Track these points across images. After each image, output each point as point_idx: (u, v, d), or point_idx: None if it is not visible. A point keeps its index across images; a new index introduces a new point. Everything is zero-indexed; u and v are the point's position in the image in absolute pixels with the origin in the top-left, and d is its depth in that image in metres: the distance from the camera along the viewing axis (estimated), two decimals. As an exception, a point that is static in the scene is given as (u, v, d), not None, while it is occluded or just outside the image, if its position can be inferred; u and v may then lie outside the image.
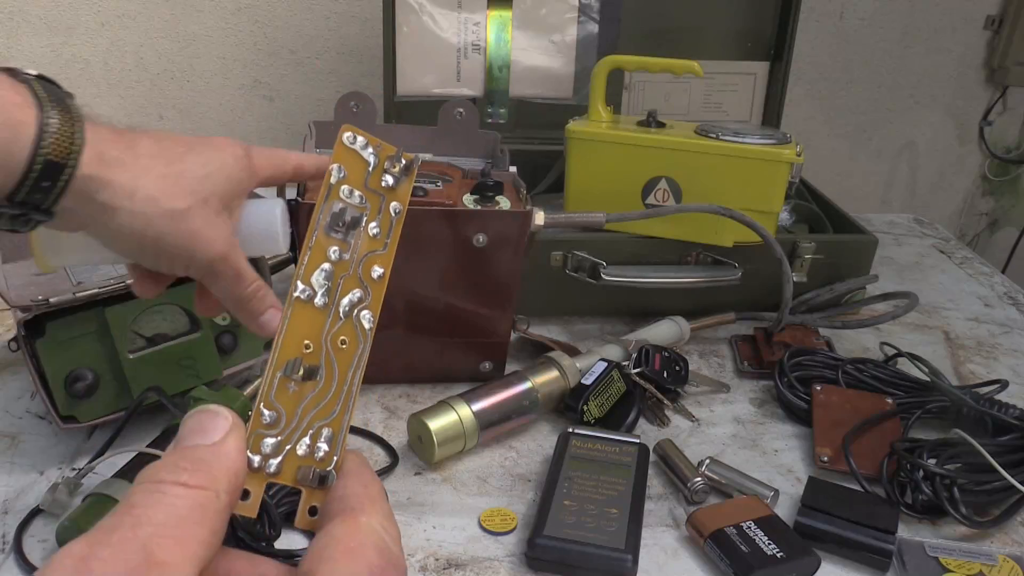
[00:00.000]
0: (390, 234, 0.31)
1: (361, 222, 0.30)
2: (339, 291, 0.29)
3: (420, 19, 1.01)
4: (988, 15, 1.45)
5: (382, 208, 0.31)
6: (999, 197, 1.65)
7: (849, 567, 0.59)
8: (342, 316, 0.29)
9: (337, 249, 0.30)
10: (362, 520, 0.26)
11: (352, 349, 0.29)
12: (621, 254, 0.86)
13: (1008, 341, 0.93)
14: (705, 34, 1.12)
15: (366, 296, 0.30)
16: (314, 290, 0.29)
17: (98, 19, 1.25)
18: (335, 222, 0.30)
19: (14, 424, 0.69)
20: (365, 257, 0.30)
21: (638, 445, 0.66)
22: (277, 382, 0.28)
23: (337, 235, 0.30)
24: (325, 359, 0.29)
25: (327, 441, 0.28)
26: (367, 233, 0.30)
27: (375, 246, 0.30)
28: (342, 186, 0.30)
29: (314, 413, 0.28)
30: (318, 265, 0.29)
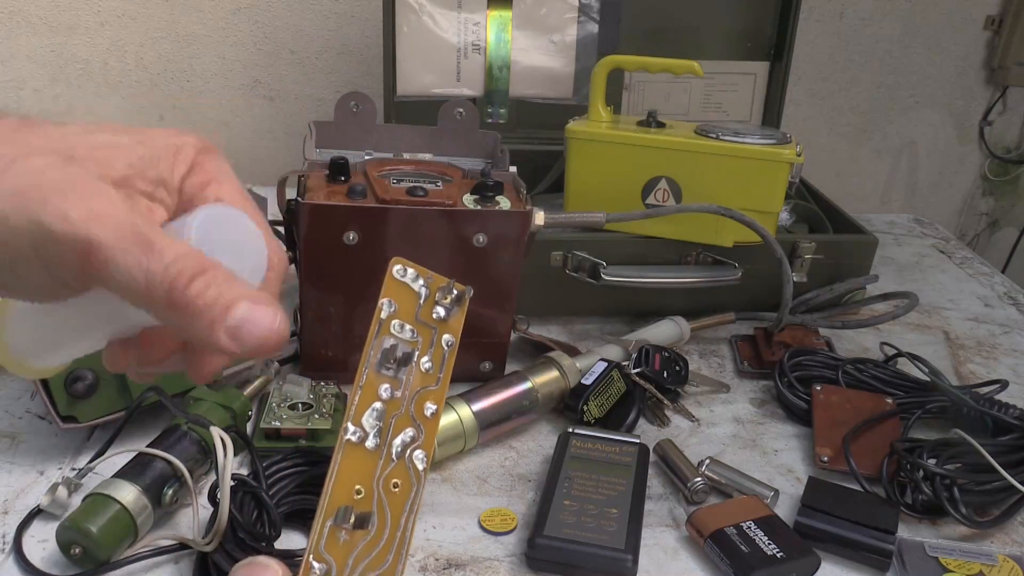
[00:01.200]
0: (443, 368, 0.30)
1: (413, 358, 0.29)
2: (391, 431, 0.28)
3: (420, 19, 1.01)
4: (988, 15, 1.45)
5: (434, 341, 0.30)
6: (999, 197, 1.65)
7: (849, 567, 0.59)
8: (394, 458, 0.28)
9: (388, 387, 0.29)
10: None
11: (405, 492, 0.28)
12: (621, 254, 0.86)
13: (1008, 341, 0.93)
14: (705, 34, 1.12)
15: (419, 435, 0.29)
16: (365, 432, 0.28)
17: (98, 19, 1.25)
18: (386, 359, 0.29)
19: (14, 424, 0.69)
20: (417, 394, 0.29)
21: (638, 445, 0.66)
22: (328, 531, 0.27)
23: (388, 372, 0.29)
24: (377, 504, 0.27)
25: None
26: (419, 368, 0.29)
27: (427, 382, 0.29)
28: (393, 320, 0.29)
29: (366, 563, 0.27)
30: (369, 405, 0.28)
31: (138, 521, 0.55)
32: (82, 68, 1.27)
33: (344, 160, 0.71)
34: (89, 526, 0.53)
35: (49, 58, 1.25)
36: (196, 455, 0.61)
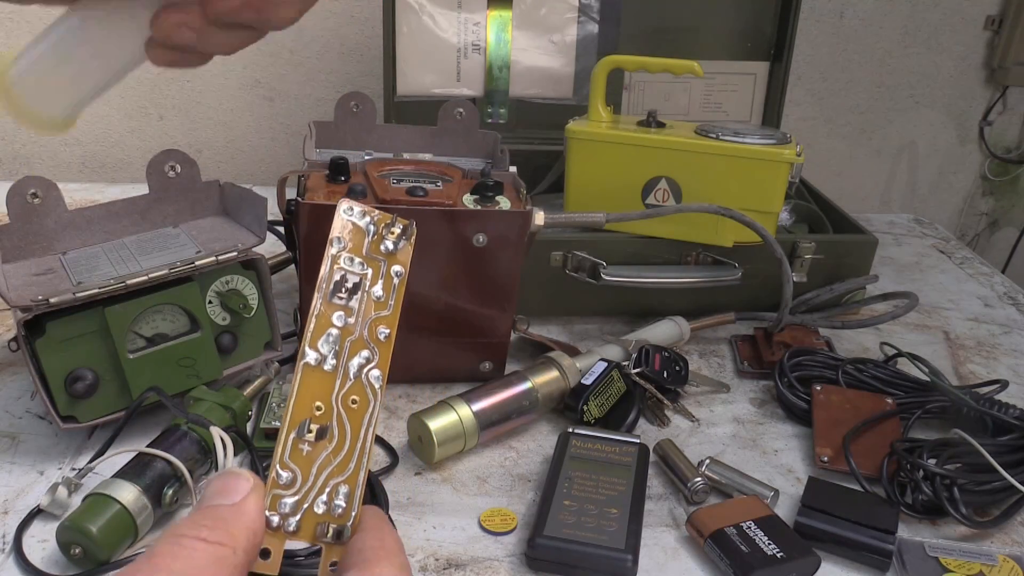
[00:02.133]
0: (393, 295, 0.32)
1: (363, 287, 0.32)
2: (346, 354, 0.30)
3: (420, 19, 1.01)
4: (988, 15, 1.45)
5: (383, 272, 0.32)
6: (999, 197, 1.65)
7: (849, 567, 0.59)
8: (351, 377, 0.30)
9: (342, 315, 0.31)
10: (376, 571, 0.27)
11: (363, 407, 0.30)
12: (621, 254, 0.86)
13: (1008, 341, 0.93)
14: (705, 34, 1.12)
15: (373, 356, 0.31)
16: (322, 355, 0.30)
17: (98, 19, 1.25)
18: (337, 289, 0.31)
19: (14, 424, 0.69)
20: (370, 319, 0.31)
21: (638, 445, 0.66)
22: (291, 443, 0.29)
23: (340, 301, 0.31)
24: (337, 419, 0.30)
25: (344, 498, 0.29)
26: (370, 297, 0.32)
27: (379, 308, 0.32)
28: (342, 255, 0.32)
29: (329, 471, 0.29)
30: (324, 331, 0.31)
31: (138, 521, 0.55)
32: (82, 68, 1.27)
33: (344, 160, 0.71)
34: (89, 526, 0.53)
35: (49, 58, 1.25)
36: (196, 455, 0.61)
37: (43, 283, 0.65)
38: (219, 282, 0.68)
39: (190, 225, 0.75)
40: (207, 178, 0.76)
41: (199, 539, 0.25)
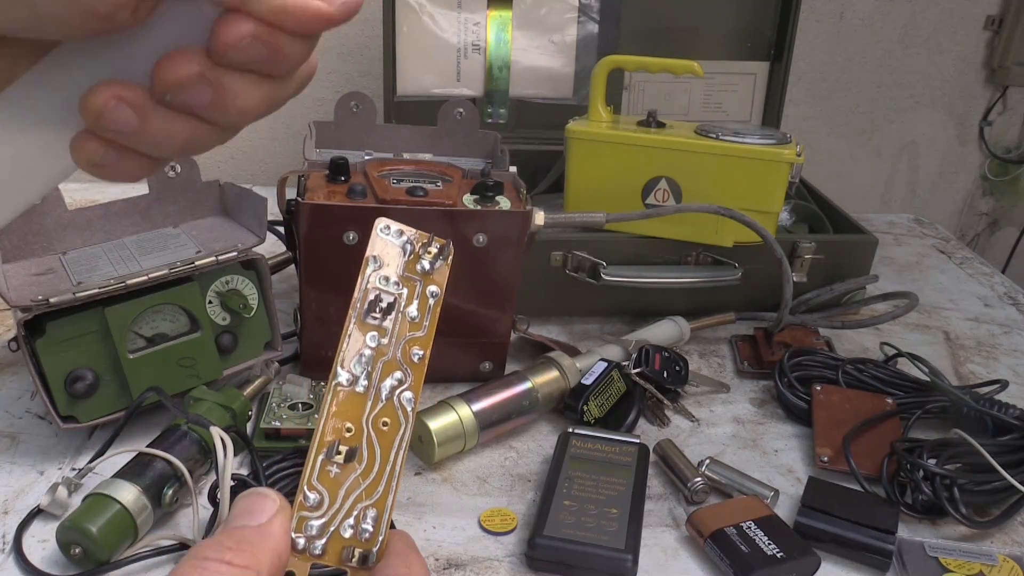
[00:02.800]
0: (427, 317, 0.32)
1: (398, 307, 0.31)
2: (379, 375, 0.30)
3: (420, 19, 1.01)
4: (988, 15, 1.45)
5: (419, 293, 0.32)
6: (999, 197, 1.65)
7: (849, 567, 0.59)
8: (383, 399, 0.30)
9: (375, 335, 0.31)
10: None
11: (394, 431, 0.30)
12: (621, 254, 0.86)
13: (1008, 341, 0.93)
14: (705, 34, 1.12)
15: (407, 378, 0.31)
16: (354, 375, 0.30)
17: (98, 19, 1.25)
18: (372, 309, 0.31)
19: (14, 424, 0.69)
20: (404, 340, 0.31)
21: (638, 445, 0.66)
22: (319, 465, 0.29)
23: (374, 321, 0.31)
24: (367, 441, 0.29)
25: (372, 522, 0.29)
26: (405, 317, 0.31)
27: (414, 329, 0.31)
28: (377, 274, 0.31)
29: (357, 494, 0.29)
30: (357, 351, 0.30)
31: (138, 521, 0.55)
32: (82, 68, 1.27)
33: (344, 160, 0.71)
34: (89, 526, 0.53)
35: (49, 58, 1.25)
36: (196, 455, 0.61)
37: (43, 283, 0.65)
38: (219, 282, 0.68)
39: (190, 225, 0.75)
40: (207, 178, 0.76)
41: (223, 562, 0.25)
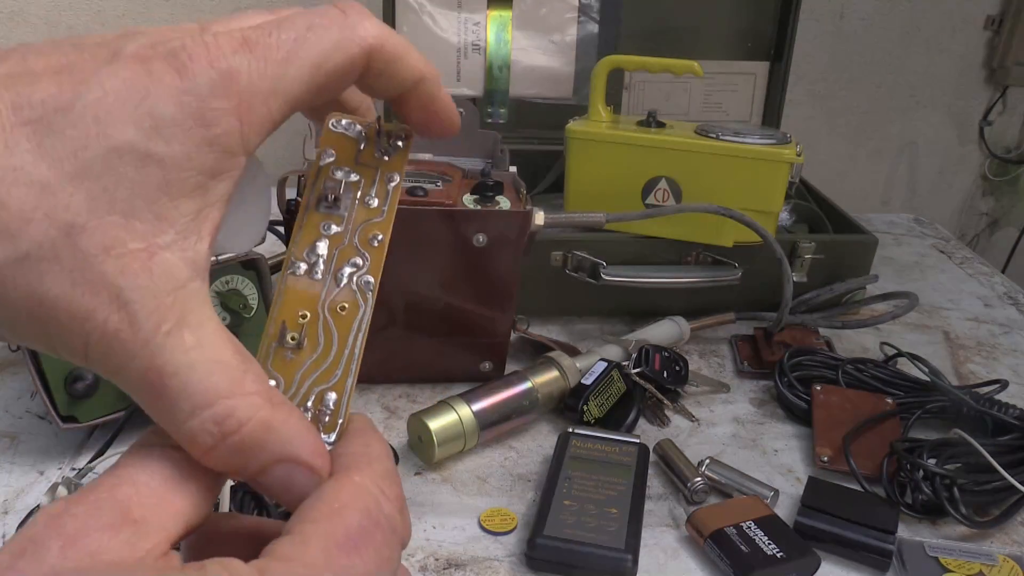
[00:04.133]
0: (387, 202, 0.30)
1: (355, 195, 0.30)
2: (335, 260, 0.29)
3: (420, 19, 1.01)
4: (988, 15, 1.45)
5: (377, 179, 0.30)
6: (999, 197, 1.65)
7: (849, 567, 0.59)
8: (340, 284, 0.29)
9: (329, 223, 0.29)
10: (355, 479, 0.25)
11: (352, 314, 0.29)
12: (621, 254, 0.86)
13: (1008, 341, 0.93)
14: (705, 34, 1.12)
15: (365, 262, 0.29)
16: (308, 263, 0.29)
17: (98, 19, 1.25)
18: (326, 196, 0.30)
19: (14, 424, 0.69)
20: (363, 225, 0.30)
21: (638, 445, 0.66)
22: (273, 351, 0.28)
23: (328, 211, 0.30)
24: (323, 325, 0.28)
25: (332, 405, 0.28)
26: (362, 203, 0.30)
27: (372, 215, 0.30)
28: (332, 167, 0.30)
29: (314, 377, 0.28)
30: (312, 240, 0.29)
31: (138, 521, 0.55)
32: (82, 68, 1.27)
33: (344, 160, 0.71)
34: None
35: (49, 58, 1.25)
36: (196, 455, 0.61)
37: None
38: (219, 282, 0.68)
39: (190, 225, 0.75)
40: (207, 178, 0.76)
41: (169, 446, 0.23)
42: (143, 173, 0.22)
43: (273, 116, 0.24)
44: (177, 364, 0.22)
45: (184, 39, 0.23)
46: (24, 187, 0.21)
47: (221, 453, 0.23)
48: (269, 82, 0.24)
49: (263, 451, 0.23)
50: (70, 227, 0.21)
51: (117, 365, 0.22)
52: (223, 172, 0.23)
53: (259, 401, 0.23)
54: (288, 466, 0.24)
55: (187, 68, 0.23)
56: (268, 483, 0.24)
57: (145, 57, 0.23)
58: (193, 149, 0.23)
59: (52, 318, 0.22)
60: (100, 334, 0.22)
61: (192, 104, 0.22)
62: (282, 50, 0.24)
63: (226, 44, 0.23)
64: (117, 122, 0.22)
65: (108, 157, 0.22)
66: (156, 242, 0.22)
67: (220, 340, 0.23)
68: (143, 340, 0.22)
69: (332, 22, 0.25)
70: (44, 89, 0.22)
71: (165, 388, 0.22)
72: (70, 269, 0.21)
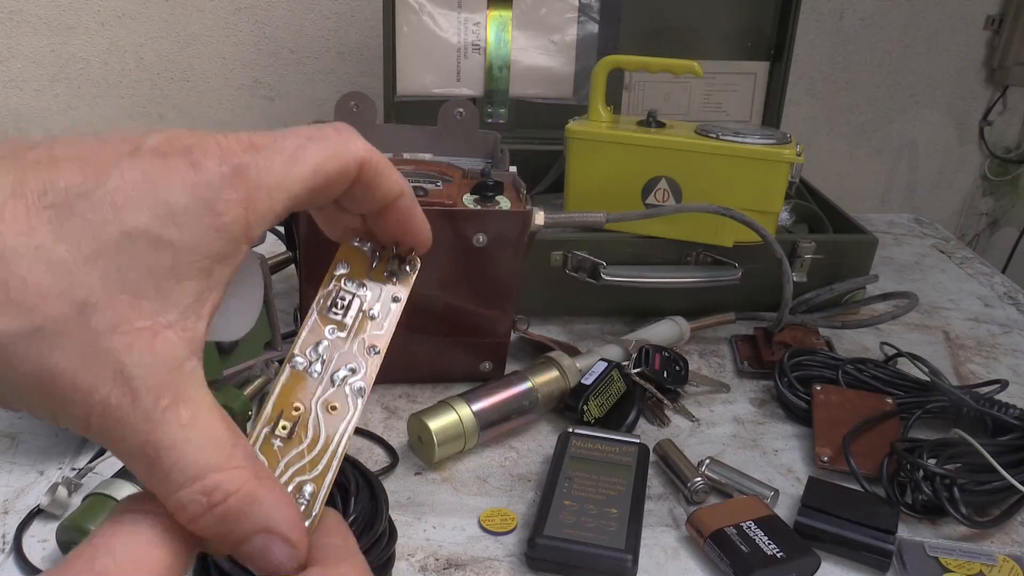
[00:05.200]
0: (388, 318, 0.33)
1: (360, 306, 0.32)
2: (334, 363, 0.31)
3: (420, 19, 1.01)
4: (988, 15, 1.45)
5: (382, 296, 0.33)
6: (999, 197, 1.65)
7: (849, 567, 0.59)
8: (334, 385, 0.31)
9: (334, 328, 0.32)
10: (341, 569, 0.27)
11: (341, 415, 0.30)
12: (621, 254, 0.86)
13: (1008, 341, 0.93)
14: (705, 34, 1.12)
15: (359, 369, 0.31)
16: (309, 360, 0.31)
17: (98, 19, 1.25)
18: (334, 305, 0.32)
19: (14, 424, 0.69)
20: (364, 335, 0.32)
21: (638, 445, 0.66)
22: (263, 436, 0.29)
23: (336, 316, 0.32)
24: (313, 421, 0.30)
25: (308, 496, 0.29)
26: (366, 316, 0.32)
27: (374, 327, 0.32)
28: (344, 278, 0.33)
29: (297, 467, 0.29)
30: (316, 340, 0.31)
31: (138, 521, 0.55)
32: (82, 68, 1.27)
33: (344, 160, 0.71)
34: (89, 526, 0.53)
35: (49, 58, 1.25)
36: (196, 455, 0.61)
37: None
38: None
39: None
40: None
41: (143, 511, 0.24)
42: (155, 256, 0.24)
43: (275, 209, 0.26)
44: (173, 438, 0.24)
45: (198, 137, 0.25)
46: (44, 265, 0.22)
47: (208, 521, 0.24)
48: (274, 178, 0.26)
49: (246, 521, 0.25)
50: (84, 304, 0.23)
51: (117, 437, 0.24)
52: (227, 257, 0.25)
53: (246, 475, 0.25)
54: (267, 537, 0.25)
55: (201, 163, 0.25)
56: (248, 552, 0.25)
57: (163, 152, 0.25)
58: (202, 235, 0.24)
59: (57, 391, 0.23)
60: (102, 408, 0.23)
61: (204, 195, 0.24)
62: (286, 153, 0.27)
63: (236, 145, 0.26)
64: (133, 209, 0.23)
65: (122, 241, 0.23)
66: (160, 320, 0.24)
67: (213, 417, 0.25)
68: (143, 414, 0.23)
69: (329, 136, 0.28)
70: (68, 177, 0.23)
71: (160, 460, 0.24)
72: (79, 344, 0.23)
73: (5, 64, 1.25)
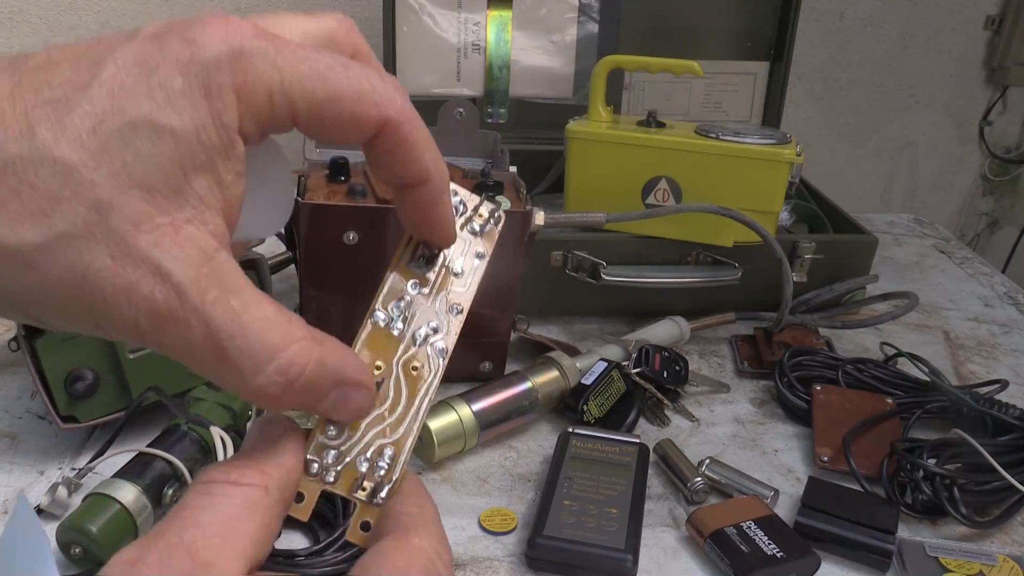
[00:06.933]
0: (472, 274, 0.31)
1: (443, 261, 0.31)
2: (414, 320, 0.30)
3: (420, 19, 1.01)
4: (988, 15, 1.45)
5: (465, 251, 0.32)
6: (999, 197, 1.65)
7: (849, 567, 0.59)
8: (416, 344, 0.30)
9: (416, 283, 0.31)
10: (414, 541, 0.26)
11: (423, 375, 0.30)
12: (621, 254, 0.86)
13: (1008, 341, 0.93)
14: (705, 34, 1.12)
15: (442, 328, 0.30)
16: (390, 316, 0.30)
17: (98, 19, 1.25)
18: (414, 257, 0.31)
19: (14, 424, 0.69)
20: (446, 292, 0.31)
21: (638, 445, 0.66)
22: None
23: (417, 269, 0.31)
24: (395, 381, 0.29)
25: (388, 460, 0.28)
26: (448, 271, 0.31)
27: (457, 285, 0.31)
28: None
29: (378, 430, 0.29)
30: (397, 296, 0.30)
31: (138, 521, 0.55)
32: (82, 68, 1.27)
33: (344, 160, 0.71)
34: (89, 526, 0.53)
35: (49, 58, 1.25)
36: (196, 455, 0.61)
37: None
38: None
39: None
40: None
41: (229, 483, 0.24)
42: (158, 146, 0.22)
43: (273, 111, 0.24)
44: (231, 329, 0.23)
45: (206, 17, 0.23)
46: (49, 167, 0.21)
47: (290, 397, 0.24)
48: (278, 76, 0.23)
49: (322, 383, 0.25)
50: (98, 203, 0.22)
51: (172, 336, 0.23)
52: (229, 149, 0.24)
53: (309, 343, 0.25)
54: (341, 389, 0.26)
55: (197, 41, 0.23)
56: (326, 407, 0.26)
57: (158, 34, 0.23)
58: (201, 123, 0.23)
59: (97, 294, 0.22)
60: (148, 306, 0.22)
61: (198, 74, 0.23)
62: (307, 63, 0.24)
63: (249, 29, 0.23)
64: (131, 96, 0.22)
65: (124, 131, 0.22)
66: (178, 216, 0.23)
67: (260, 298, 0.24)
68: (192, 309, 0.23)
69: (369, 78, 0.25)
70: (63, 73, 0.22)
71: (225, 352, 0.23)
72: (106, 244, 0.22)
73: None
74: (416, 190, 0.28)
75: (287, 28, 0.26)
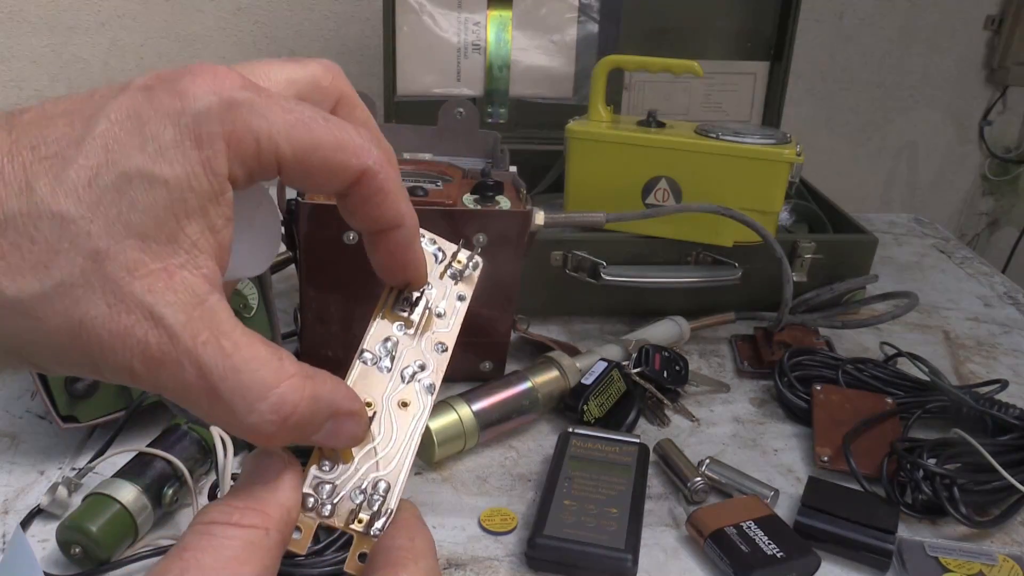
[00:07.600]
0: (454, 316, 0.33)
1: (426, 304, 0.33)
2: (402, 359, 0.31)
3: (420, 19, 1.01)
4: (988, 15, 1.45)
5: (446, 294, 0.34)
6: (999, 197, 1.65)
7: (849, 567, 0.59)
8: (404, 381, 0.31)
9: (401, 324, 0.32)
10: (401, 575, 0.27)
11: (412, 411, 0.31)
12: (621, 254, 0.86)
13: (1008, 341, 0.93)
14: (705, 34, 1.12)
15: (428, 365, 0.32)
16: (378, 356, 0.31)
17: (98, 19, 1.25)
18: (400, 301, 0.33)
19: (14, 424, 0.69)
20: (431, 332, 0.32)
21: (638, 445, 0.66)
22: None
23: (403, 312, 0.32)
24: (385, 416, 0.30)
25: (382, 492, 0.29)
26: (432, 313, 0.33)
27: (440, 325, 0.33)
28: None
29: (371, 464, 0.29)
30: (383, 336, 0.32)
31: (138, 521, 0.55)
32: (82, 68, 1.27)
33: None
34: (89, 526, 0.53)
35: (49, 58, 1.25)
36: (196, 455, 0.61)
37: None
38: (219, 282, 0.68)
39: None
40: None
41: (230, 524, 0.25)
42: (151, 196, 0.23)
43: (261, 157, 0.25)
44: (223, 369, 0.24)
45: (195, 68, 0.24)
46: (48, 221, 0.22)
47: (284, 434, 0.25)
48: (265, 124, 0.24)
49: (315, 417, 0.26)
50: (95, 253, 0.23)
51: (167, 378, 0.24)
52: (219, 195, 0.24)
53: (301, 380, 0.25)
54: (334, 420, 0.27)
55: (187, 93, 0.24)
56: (320, 438, 0.27)
57: (148, 86, 0.24)
58: (192, 171, 0.24)
59: (94, 340, 0.23)
60: (143, 350, 0.23)
61: (189, 125, 0.23)
62: (293, 114, 0.25)
63: (237, 80, 0.24)
64: (124, 148, 0.23)
65: (119, 183, 0.23)
66: (172, 262, 0.24)
67: (251, 339, 0.25)
68: (185, 351, 0.23)
69: (347, 131, 0.26)
70: (59, 128, 0.23)
71: (218, 392, 0.24)
72: (102, 291, 0.23)
73: (5, 64, 1.25)
74: (390, 235, 0.29)
75: (273, 76, 0.27)
